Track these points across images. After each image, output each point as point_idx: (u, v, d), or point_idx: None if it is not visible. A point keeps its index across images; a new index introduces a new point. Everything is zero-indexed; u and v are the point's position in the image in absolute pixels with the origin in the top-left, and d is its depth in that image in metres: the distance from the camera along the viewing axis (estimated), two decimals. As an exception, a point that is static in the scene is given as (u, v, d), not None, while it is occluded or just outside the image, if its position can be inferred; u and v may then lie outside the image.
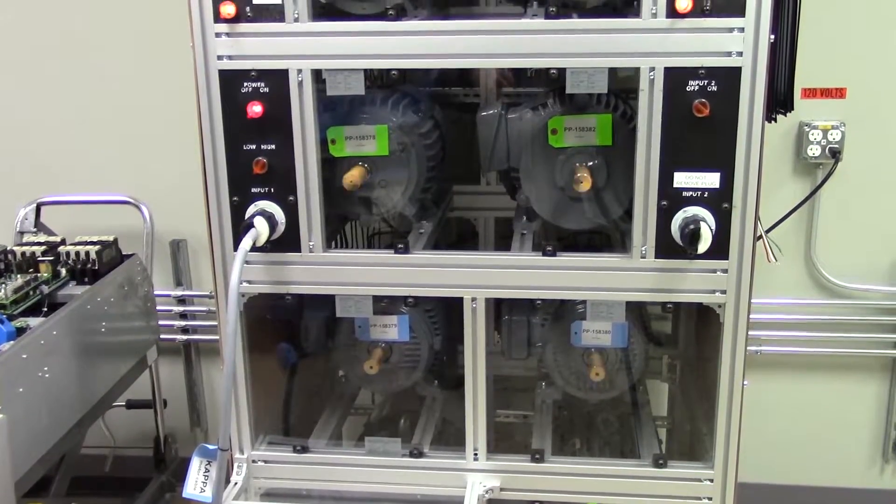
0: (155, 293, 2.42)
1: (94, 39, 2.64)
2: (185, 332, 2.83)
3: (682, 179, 1.58)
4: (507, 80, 2.08)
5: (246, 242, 1.61)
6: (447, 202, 2.12)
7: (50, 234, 2.51)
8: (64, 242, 2.22)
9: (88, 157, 2.74)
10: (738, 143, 1.55)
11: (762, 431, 2.68)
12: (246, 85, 1.63)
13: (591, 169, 1.67)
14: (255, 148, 1.66)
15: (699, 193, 1.59)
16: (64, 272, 2.12)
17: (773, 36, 1.51)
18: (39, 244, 2.18)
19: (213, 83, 1.63)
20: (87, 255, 2.13)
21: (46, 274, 2.08)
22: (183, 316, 2.82)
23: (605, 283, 1.68)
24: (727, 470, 1.74)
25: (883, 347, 2.64)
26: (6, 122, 2.76)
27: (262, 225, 1.64)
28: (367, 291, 1.74)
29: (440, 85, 2.10)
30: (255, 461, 1.87)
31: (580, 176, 1.63)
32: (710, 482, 1.76)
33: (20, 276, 2.05)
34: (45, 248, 2.15)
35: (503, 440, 2.15)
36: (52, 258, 2.11)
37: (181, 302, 2.82)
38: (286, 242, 1.70)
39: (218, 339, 1.79)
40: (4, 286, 1.96)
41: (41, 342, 1.84)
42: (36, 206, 2.62)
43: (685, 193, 1.59)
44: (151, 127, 2.69)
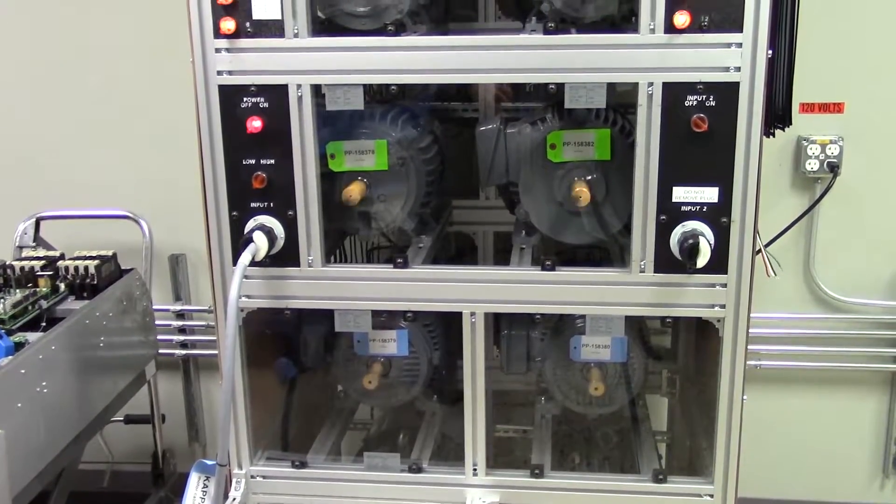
0: (154, 308, 2.41)
1: (94, 54, 2.65)
2: (183, 346, 2.83)
3: (680, 194, 1.59)
4: (505, 94, 2.09)
5: (245, 257, 1.61)
6: (446, 217, 2.12)
7: (49, 248, 2.51)
8: (63, 257, 2.22)
9: (88, 171, 2.74)
10: (736, 157, 1.56)
11: (762, 446, 2.67)
12: (246, 100, 1.63)
13: (589, 183, 1.67)
14: (254, 162, 1.66)
15: (698, 208, 1.59)
16: (63, 287, 2.12)
17: (770, 51, 1.52)
18: (38, 259, 2.18)
19: (212, 98, 1.64)
20: (85, 269, 2.13)
21: (45, 289, 2.08)
22: (182, 331, 2.82)
23: (604, 297, 1.68)
24: (727, 485, 1.74)
25: (882, 362, 2.64)
26: (6, 136, 2.76)
27: (261, 239, 1.64)
28: (366, 306, 1.74)
29: (439, 100, 2.11)
30: (253, 476, 1.86)
31: (579, 190, 1.63)
32: (710, 497, 1.75)
33: (19, 290, 2.05)
34: (44, 262, 2.15)
35: (502, 455, 2.15)
36: (51, 273, 2.11)
37: (180, 316, 2.81)
38: (285, 257, 1.70)
39: (217, 353, 1.79)
40: (3, 301, 1.96)
41: (39, 357, 1.84)
42: (35, 220, 2.62)
43: (684, 208, 1.59)
44: (151, 141, 2.69)
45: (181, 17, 1.62)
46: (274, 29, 1.60)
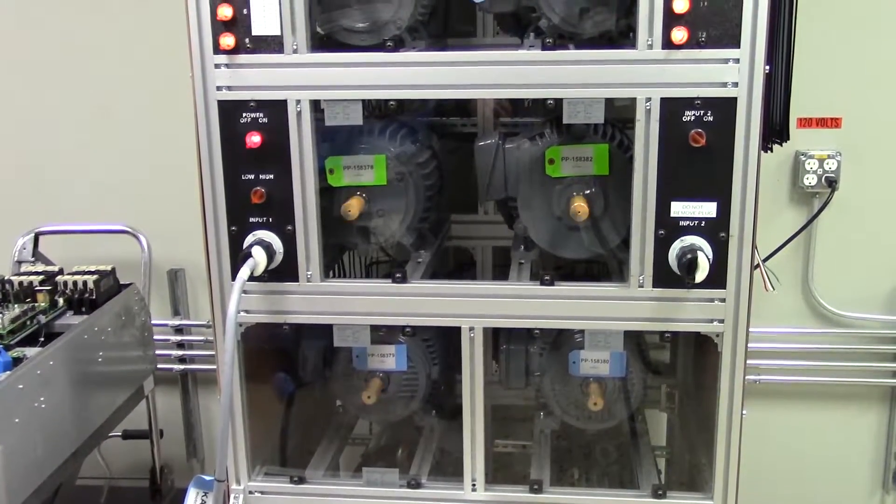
0: (152, 322, 2.41)
1: (93, 69, 2.66)
2: (182, 361, 2.82)
3: (678, 209, 1.59)
4: (504, 110, 2.09)
5: (244, 272, 1.61)
6: (445, 231, 2.12)
7: (48, 263, 2.51)
8: (62, 272, 2.21)
9: (87, 186, 2.74)
10: (734, 172, 1.56)
11: (761, 461, 2.67)
12: (245, 115, 1.64)
13: (588, 198, 1.67)
14: (253, 177, 1.66)
15: (696, 223, 1.59)
16: (61, 302, 2.12)
17: (768, 66, 1.53)
18: (37, 274, 2.18)
19: (212, 113, 1.64)
20: (84, 284, 2.13)
21: (44, 303, 2.08)
22: (180, 345, 2.81)
23: (603, 312, 1.68)
24: (727, 500, 1.73)
25: (881, 376, 2.64)
26: (5, 151, 2.76)
27: (259, 254, 1.64)
28: (364, 321, 1.74)
29: (438, 115, 2.11)
30: (251, 492, 1.86)
31: (577, 205, 1.64)
32: (709, 513, 1.75)
33: (17, 305, 2.04)
34: (42, 277, 2.15)
35: (501, 470, 2.15)
36: (49, 288, 2.11)
37: (179, 331, 2.81)
38: (284, 272, 1.70)
39: (215, 368, 1.79)
40: (2, 316, 1.96)
41: (38, 372, 1.84)
42: (34, 235, 2.62)
43: (682, 223, 1.59)
44: (150, 156, 2.70)
45: (181, 32, 1.63)
46: (273, 44, 1.61)
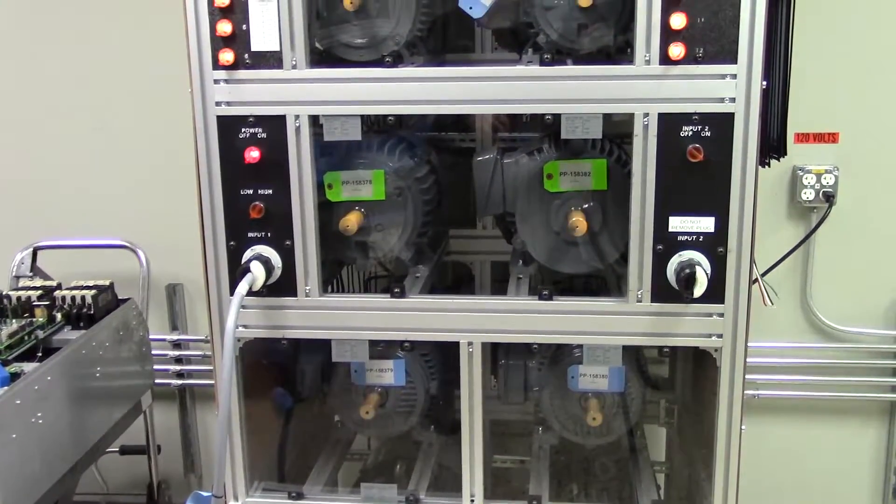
0: (150, 337, 2.41)
1: (91, 84, 2.66)
2: (180, 376, 2.82)
3: (677, 224, 1.59)
4: (502, 125, 2.10)
5: (242, 287, 1.61)
6: (443, 246, 2.12)
7: (46, 278, 2.51)
8: (60, 287, 2.21)
9: (85, 201, 2.74)
10: (732, 187, 1.56)
11: (760, 476, 2.66)
12: (244, 130, 1.64)
13: (586, 213, 1.67)
14: (252, 192, 1.66)
15: (694, 237, 1.59)
16: (59, 317, 2.12)
17: (765, 82, 1.53)
18: (35, 289, 2.18)
19: (211, 128, 1.65)
20: (82, 299, 2.13)
21: (42, 318, 2.08)
22: (178, 360, 2.81)
23: (601, 327, 1.67)
24: (726, 516, 1.73)
25: (881, 391, 2.63)
26: (3, 166, 2.76)
27: (258, 269, 1.64)
28: (363, 336, 1.74)
29: (436, 130, 2.11)
30: (249, 508, 1.85)
31: (576, 220, 1.64)
32: (709, 528, 1.74)
33: (15, 320, 2.04)
34: (40, 292, 2.15)
35: (500, 486, 2.14)
36: (47, 303, 2.11)
37: (177, 346, 2.80)
38: (282, 287, 1.70)
39: (213, 383, 1.78)
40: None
41: (35, 388, 1.83)
42: (32, 250, 2.63)
43: (680, 237, 1.60)
44: (148, 171, 2.70)
45: (180, 47, 1.64)
46: (272, 60, 1.61)
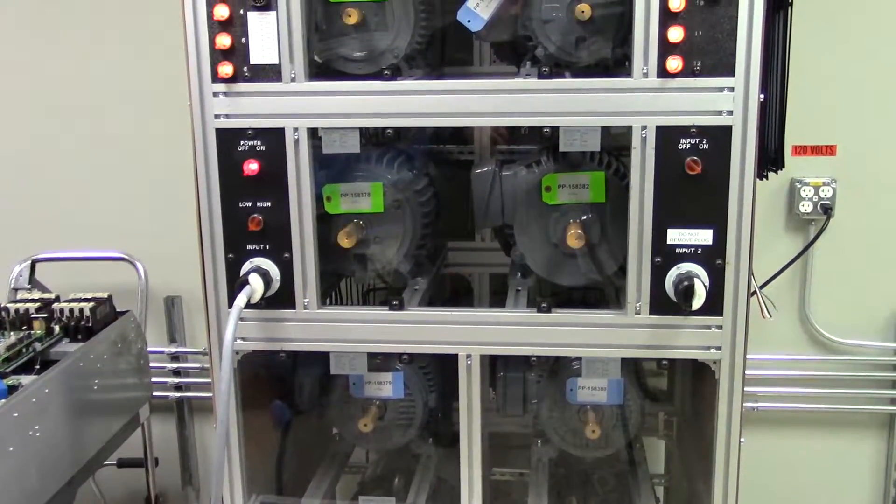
0: (148, 350, 2.40)
1: (91, 97, 2.67)
2: (178, 389, 2.81)
3: (675, 236, 1.59)
4: (501, 137, 2.10)
5: (241, 299, 1.61)
6: (442, 258, 2.12)
7: (44, 290, 2.50)
8: (58, 299, 2.21)
9: (84, 213, 2.75)
10: (730, 199, 1.57)
11: (759, 489, 2.65)
12: (242, 143, 1.64)
13: (584, 225, 1.68)
14: (250, 205, 1.67)
15: (692, 250, 1.60)
16: (57, 329, 2.11)
17: (762, 95, 1.54)
18: (33, 301, 2.17)
19: (210, 141, 1.65)
20: (80, 311, 2.12)
21: (40, 331, 2.07)
22: (176, 373, 2.80)
23: (600, 339, 1.67)
24: (725, 529, 1.73)
25: (879, 404, 2.63)
26: (2, 179, 2.77)
27: (256, 282, 1.64)
28: (361, 348, 1.74)
29: (435, 142, 2.12)
30: (247, 521, 1.85)
31: (574, 233, 1.64)
32: (708, 541, 1.74)
33: (13, 333, 2.03)
34: (38, 304, 2.14)
35: (499, 499, 2.14)
36: (45, 315, 2.10)
37: (175, 359, 2.80)
38: (281, 299, 1.70)
39: (211, 396, 1.78)
40: (-2, 344, 1.95)
41: (33, 400, 1.83)
42: (31, 262, 2.62)
43: (679, 250, 1.60)
44: (147, 184, 2.70)
45: (179, 60, 1.64)
46: (271, 73, 1.62)
